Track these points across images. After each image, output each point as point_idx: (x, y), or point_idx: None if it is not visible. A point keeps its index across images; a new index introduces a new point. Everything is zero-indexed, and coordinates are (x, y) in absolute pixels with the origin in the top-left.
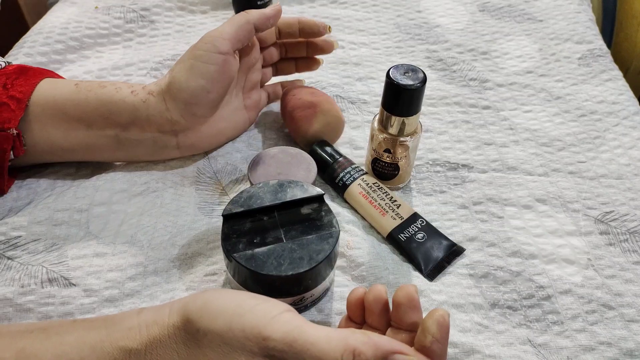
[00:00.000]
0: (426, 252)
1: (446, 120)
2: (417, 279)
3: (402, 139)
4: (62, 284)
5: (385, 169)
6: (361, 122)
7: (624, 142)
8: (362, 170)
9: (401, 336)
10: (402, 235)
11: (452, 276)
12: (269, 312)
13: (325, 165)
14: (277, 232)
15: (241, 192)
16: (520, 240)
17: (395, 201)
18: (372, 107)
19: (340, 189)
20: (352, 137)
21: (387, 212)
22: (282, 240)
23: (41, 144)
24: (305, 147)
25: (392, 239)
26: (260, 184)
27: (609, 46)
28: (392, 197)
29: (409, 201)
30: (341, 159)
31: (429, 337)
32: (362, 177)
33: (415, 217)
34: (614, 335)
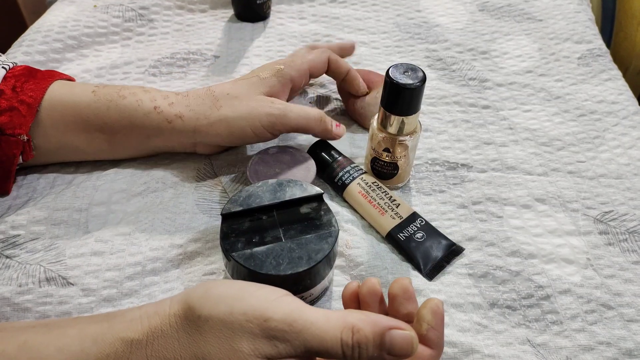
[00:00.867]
0: (425, 251)
1: (445, 119)
2: (416, 279)
3: (401, 138)
4: (60, 283)
5: (384, 168)
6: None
7: (623, 142)
8: (362, 169)
9: None
10: (401, 234)
11: (451, 276)
12: (269, 296)
13: (324, 164)
14: (276, 231)
15: (240, 191)
16: (519, 240)
17: (394, 200)
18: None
19: (339, 189)
20: (351, 136)
21: (386, 211)
22: (281, 239)
23: (57, 148)
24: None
25: (392, 239)
26: (259, 183)
27: (608, 46)
28: (391, 197)
29: (408, 201)
30: (340, 158)
31: (425, 325)
32: (361, 177)
33: (414, 216)
34: (613, 335)
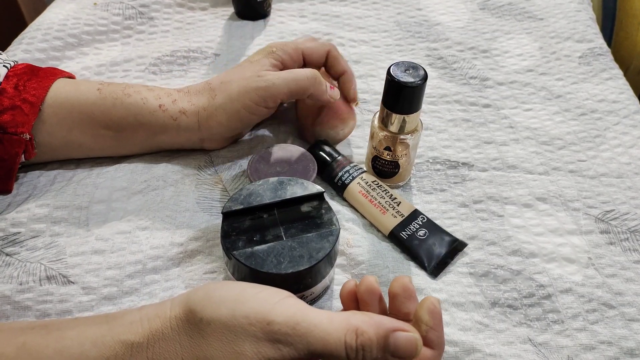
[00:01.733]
0: (428, 248)
1: (446, 118)
2: (417, 277)
3: (402, 137)
4: (60, 282)
5: (385, 167)
6: (360, 121)
7: (624, 141)
8: (362, 168)
9: None
10: (403, 233)
11: (453, 275)
12: (272, 298)
13: (323, 164)
14: (277, 229)
15: (241, 190)
16: (520, 239)
17: (395, 199)
18: (371, 106)
19: (339, 189)
20: (351, 135)
21: (387, 210)
22: (282, 238)
23: (63, 146)
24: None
25: (394, 237)
26: (260, 181)
27: (609, 45)
28: (391, 195)
29: (409, 199)
30: (340, 157)
31: (424, 327)
32: (361, 176)
33: (415, 214)
34: (614, 334)
